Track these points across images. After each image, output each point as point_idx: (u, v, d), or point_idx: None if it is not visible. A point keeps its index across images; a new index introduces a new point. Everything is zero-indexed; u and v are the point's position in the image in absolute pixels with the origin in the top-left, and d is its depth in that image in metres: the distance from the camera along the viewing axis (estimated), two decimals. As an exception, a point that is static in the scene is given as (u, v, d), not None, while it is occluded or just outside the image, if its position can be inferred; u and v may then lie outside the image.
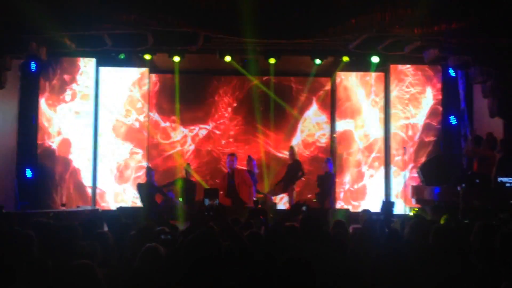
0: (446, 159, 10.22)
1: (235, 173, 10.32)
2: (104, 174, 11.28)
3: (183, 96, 11.75)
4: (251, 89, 11.91)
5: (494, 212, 7.08)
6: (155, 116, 11.82)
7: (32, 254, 3.52)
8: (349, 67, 11.61)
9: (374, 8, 8.62)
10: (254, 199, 9.81)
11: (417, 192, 9.64)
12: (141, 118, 11.44)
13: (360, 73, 11.73)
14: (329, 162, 10.74)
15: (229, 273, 3.02)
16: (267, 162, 11.72)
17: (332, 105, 11.99)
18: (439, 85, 11.46)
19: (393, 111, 11.46)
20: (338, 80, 11.74)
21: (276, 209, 10.23)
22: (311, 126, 12.07)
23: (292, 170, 10.75)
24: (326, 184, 10.58)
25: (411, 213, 9.23)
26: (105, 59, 11.18)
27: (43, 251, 3.72)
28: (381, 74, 11.72)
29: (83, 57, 11.08)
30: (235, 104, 11.98)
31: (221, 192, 10.31)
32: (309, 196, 11.31)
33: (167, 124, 11.87)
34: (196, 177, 11.31)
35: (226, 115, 11.97)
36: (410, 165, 11.12)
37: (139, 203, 10.46)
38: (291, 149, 10.99)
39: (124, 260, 3.99)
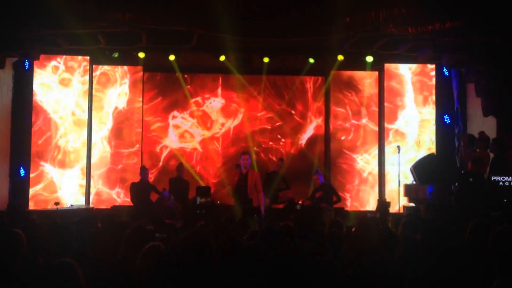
0: (439, 157, 10.23)
1: (249, 174, 9.59)
2: (99, 173, 11.27)
3: (176, 94, 11.74)
4: (244, 87, 11.88)
5: (488, 210, 7.10)
6: (149, 114, 11.77)
7: (21, 253, 3.49)
8: (344, 66, 11.63)
9: (368, 7, 8.64)
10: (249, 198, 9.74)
11: (410, 191, 9.65)
12: (135, 116, 11.42)
13: (355, 72, 11.77)
14: (319, 174, 10.26)
15: (222, 271, 3.02)
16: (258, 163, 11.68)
17: (326, 104, 11.99)
18: (432, 84, 11.50)
19: (387, 109, 11.51)
20: (332, 79, 11.76)
21: (270, 208, 10.18)
22: (307, 125, 12.07)
23: (276, 182, 10.44)
24: (326, 194, 10.12)
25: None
26: (99, 57, 11.13)
27: (35, 250, 3.69)
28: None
29: (77, 55, 11.03)
30: (229, 103, 11.95)
31: (226, 188, 10.15)
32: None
33: (162, 123, 11.83)
34: (192, 173, 11.30)
35: (212, 110, 11.92)
36: (405, 164, 11.13)
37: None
38: (280, 161, 10.76)
39: (120, 259, 3.98)
